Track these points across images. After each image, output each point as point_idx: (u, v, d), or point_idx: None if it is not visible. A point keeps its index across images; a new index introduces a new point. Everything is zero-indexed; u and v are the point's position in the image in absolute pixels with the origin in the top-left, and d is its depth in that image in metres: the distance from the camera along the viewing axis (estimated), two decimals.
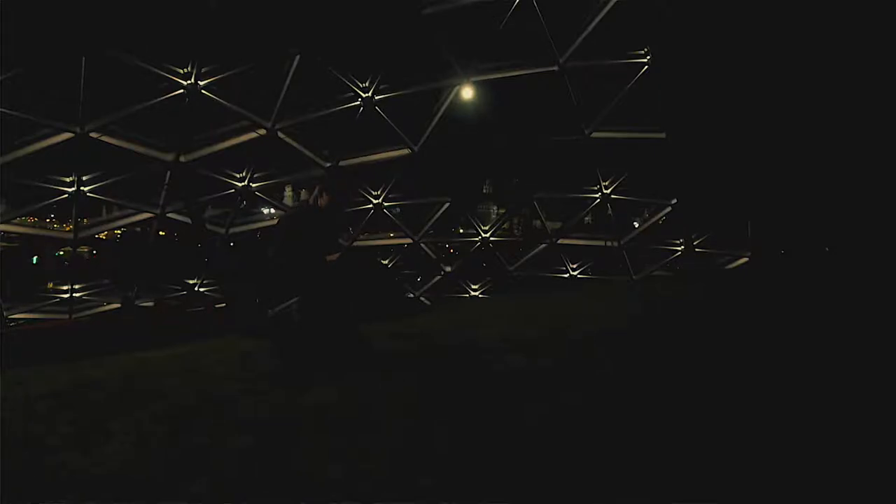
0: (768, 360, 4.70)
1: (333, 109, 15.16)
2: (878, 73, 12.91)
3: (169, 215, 16.18)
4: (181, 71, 13.19)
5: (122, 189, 15.80)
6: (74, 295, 17.29)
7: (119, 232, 19.43)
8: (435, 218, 18.28)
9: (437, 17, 13.34)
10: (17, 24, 10.83)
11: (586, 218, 19.16)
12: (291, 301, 4.90)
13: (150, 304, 17.14)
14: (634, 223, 19.26)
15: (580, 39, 13.78)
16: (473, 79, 14.82)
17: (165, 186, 15.50)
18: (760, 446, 3.04)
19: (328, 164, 16.23)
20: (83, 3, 11.73)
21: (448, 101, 15.23)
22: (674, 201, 17.20)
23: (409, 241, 18.89)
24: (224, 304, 14.58)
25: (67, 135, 13.28)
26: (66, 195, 14.78)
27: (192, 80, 13.16)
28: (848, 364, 4.46)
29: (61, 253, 20.10)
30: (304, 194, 5.33)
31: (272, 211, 18.91)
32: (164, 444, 3.58)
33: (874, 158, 13.73)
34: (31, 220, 17.52)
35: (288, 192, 21.98)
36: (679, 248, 18.56)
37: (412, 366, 5.15)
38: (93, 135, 13.44)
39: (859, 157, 14.00)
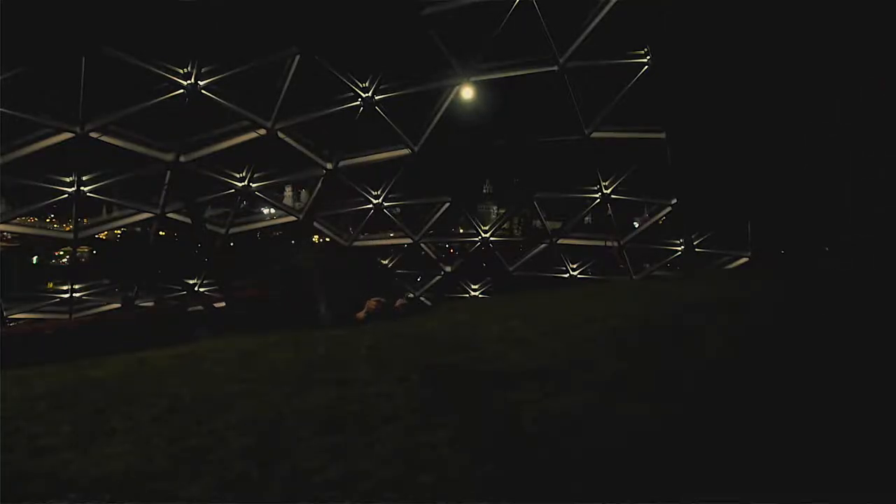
0: (774, 362, 4.69)
1: (333, 109, 15.17)
2: (877, 71, 12.92)
3: (169, 215, 16.19)
4: (181, 71, 13.19)
5: (122, 189, 15.81)
6: (74, 295, 17.32)
7: (119, 232, 19.44)
8: (435, 218, 18.30)
9: (437, 17, 13.34)
10: (18, 23, 10.83)
11: (586, 218, 19.18)
12: None
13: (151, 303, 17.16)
14: (634, 223, 19.27)
15: (580, 39, 13.78)
16: (473, 79, 14.82)
17: (165, 186, 15.50)
18: (766, 450, 3.03)
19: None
20: (83, 3, 11.73)
21: (448, 101, 15.24)
22: (674, 201, 17.22)
23: (409, 241, 18.90)
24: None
25: (67, 135, 13.29)
26: (66, 195, 14.78)
27: (192, 80, 13.16)
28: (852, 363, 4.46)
29: (60, 253, 20.13)
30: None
31: (272, 211, 18.93)
32: (164, 444, 3.57)
33: (874, 158, 13.73)
34: (31, 220, 17.53)
35: (288, 192, 21.99)
36: (679, 249, 18.58)
37: (412, 366, 5.15)
38: (93, 135, 13.45)
39: (859, 156, 14.00)
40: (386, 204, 17.86)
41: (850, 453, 2.90)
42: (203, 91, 13.42)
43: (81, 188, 14.73)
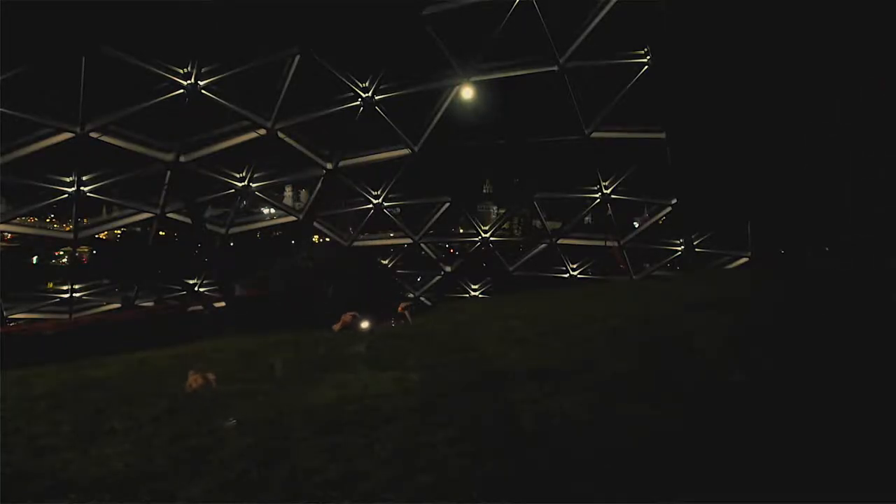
0: (774, 362, 4.69)
1: (333, 109, 15.16)
2: (877, 71, 12.91)
3: (169, 215, 16.18)
4: (181, 71, 13.19)
5: (122, 189, 15.81)
6: (74, 295, 17.32)
7: (119, 232, 19.44)
8: (435, 218, 18.30)
9: (437, 16, 13.34)
10: (18, 23, 10.82)
11: (586, 218, 19.19)
12: None
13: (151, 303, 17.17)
14: (634, 223, 19.27)
15: (580, 39, 13.78)
16: (473, 79, 14.82)
17: (165, 186, 15.50)
18: (766, 450, 3.03)
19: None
20: (83, 3, 11.72)
21: (448, 101, 15.24)
22: (674, 201, 17.22)
23: (409, 241, 18.90)
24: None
25: (67, 135, 13.28)
26: (66, 195, 14.78)
27: (192, 80, 13.16)
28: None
29: (60, 253, 20.12)
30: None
31: (272, 211, 18.93)
32: (164, 444, 3.58)
33: (874, 158, 13.72)
34: (31, 220, 17.54)
35: (288, 192, 21.99)
36: (679, 249, 18.58)
37: (413, 366, 5.15)
38: (93, 135, 13.44)
39: (859, 156, 13.99)
40: (386, 204, 17.86)
41: (849, 453, 2.90)
42: (203, 91, 13.41)
43: (81, 188, 14.73)
